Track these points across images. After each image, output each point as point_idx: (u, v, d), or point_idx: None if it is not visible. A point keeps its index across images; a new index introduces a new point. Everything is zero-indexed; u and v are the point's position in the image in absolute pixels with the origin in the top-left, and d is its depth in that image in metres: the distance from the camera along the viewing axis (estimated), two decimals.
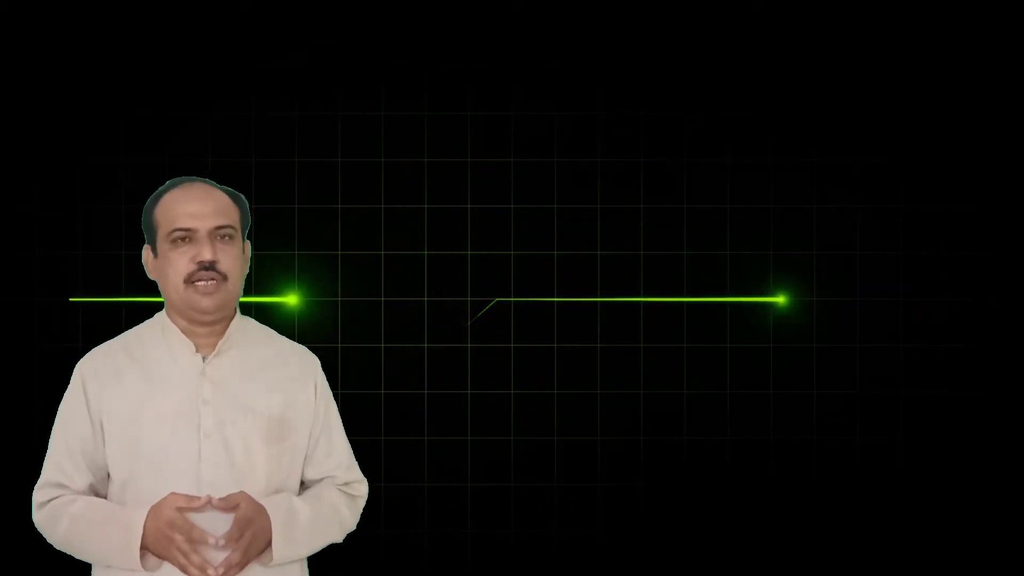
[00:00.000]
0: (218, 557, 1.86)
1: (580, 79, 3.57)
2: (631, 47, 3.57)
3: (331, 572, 2.38)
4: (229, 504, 1.86)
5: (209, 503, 1.85)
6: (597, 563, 3.57)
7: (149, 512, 1.86)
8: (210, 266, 1.91)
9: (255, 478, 1.94)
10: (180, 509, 1.84)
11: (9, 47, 3.48)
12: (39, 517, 1.99)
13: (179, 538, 1.83)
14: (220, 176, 2.18)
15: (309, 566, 2.08)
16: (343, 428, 2.15)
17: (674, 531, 3.56)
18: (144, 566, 1.87)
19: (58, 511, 1.95)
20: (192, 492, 1.89)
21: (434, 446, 3.55)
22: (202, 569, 1.83)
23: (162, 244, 1.95)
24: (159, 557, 1.87)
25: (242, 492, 1.89)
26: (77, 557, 1.98)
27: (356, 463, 2.15)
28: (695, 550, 3.56)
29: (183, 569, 1.84)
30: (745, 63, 3.56)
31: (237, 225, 1.98)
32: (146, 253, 2.02)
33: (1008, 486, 3.54)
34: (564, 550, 3.57)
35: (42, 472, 2.00)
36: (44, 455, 2.01)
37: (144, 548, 1.86)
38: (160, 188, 2.01)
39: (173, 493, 1.85)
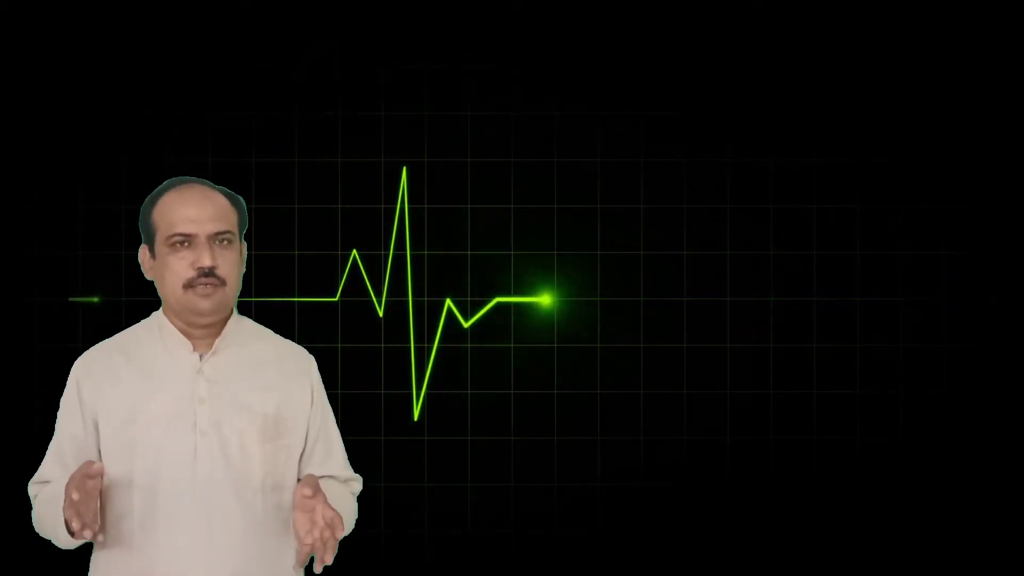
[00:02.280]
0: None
1: (581, 79, 3.57)
2: (631, 47, 3.57)
3: (330, 572, 2.38)
4: (304, 492, 1.84)
5: (101, 473, 1.78)
6: (597, 563, 3.57)
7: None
8: (210, 272, 1.92)
9: (251, 475, 1.95)
10: (87, 473, 1.77)
11: (9, 47, 3.48)
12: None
13: (70, 487, 1.75)
14: (220, 176, 2.18)
15: (306, 565, 2.08)
16: (337, 426, 2.16)
17: (674, 531, 3.56)
18: (74, 536, 1.84)
19: (35, 504, 1.98)
20: (187, 489, 1.90)
21: (434, 447, 3.55)
22: (79, 520, 1.75)
23: (160, 247, 1.95)
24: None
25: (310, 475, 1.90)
26: (57, 544, 1.95)
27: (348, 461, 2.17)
28: (695, 550, 3.56)
29: (68, 520, 1.78)
30: (745, 62, 3.56)
31: (235, 229, 1.99)
32: (143, 253, 2.02)
33: (1008, 486, 3.54)
34: (564, 550, 3.57)
35: None
36: (44, 455, 2.02)
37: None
38: (158, 188, 2.00)
39: (89, 461, 1.79)
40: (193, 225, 1.92)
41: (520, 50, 3.56)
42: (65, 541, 1.90)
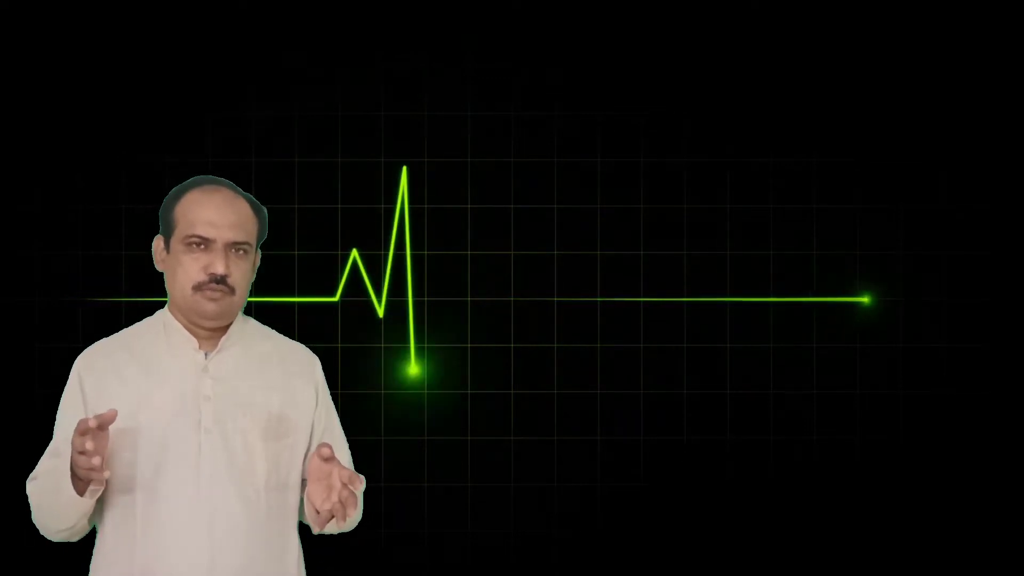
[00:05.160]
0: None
1: (580, 80, 3.57)
2: (631, 46, 3.57)
3: (331, 572, 2.38)
4: (323, 453, 1.82)
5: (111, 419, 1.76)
6: (597, 563, 3.57)
7: None
8: (221, 279, 1.93)
9: (254, 474, 1.94)
10: (100, 422, 1.75)
11: (10, 47, 3.48)
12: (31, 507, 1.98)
13: (76, 441, 1.74)
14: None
15: (307, 565, 2.08)
16: (341, 427, 2.16)
17: (674, 531, 3.56)
18: (79, 492, 1.83)
19: (34, 489, 1.94)
20: (191, 487, 1.90)
21: (434, 446, 3.55)
22: (88, 464, 1.72)
23: (177, 244, 1.96)
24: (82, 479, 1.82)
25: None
26: (55, 527, 1.92)
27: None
28: (695, 550, 3.56)
29: (78, 468, 1.77)
30: (745, 62, 3.56)
31: (253, 240, 2.00)
32: (157, 243, 2.02)
33: (1008, 486, 3.54)
34: (564, 550, 3.57)
35: None
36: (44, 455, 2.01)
37: (76, 478, 1.82)
38: (185, 183, 2.01)
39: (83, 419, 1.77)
40: (212, 230, 1.93)
41: (520, 50, 3.56)
42: (69, 502, 1.84)
